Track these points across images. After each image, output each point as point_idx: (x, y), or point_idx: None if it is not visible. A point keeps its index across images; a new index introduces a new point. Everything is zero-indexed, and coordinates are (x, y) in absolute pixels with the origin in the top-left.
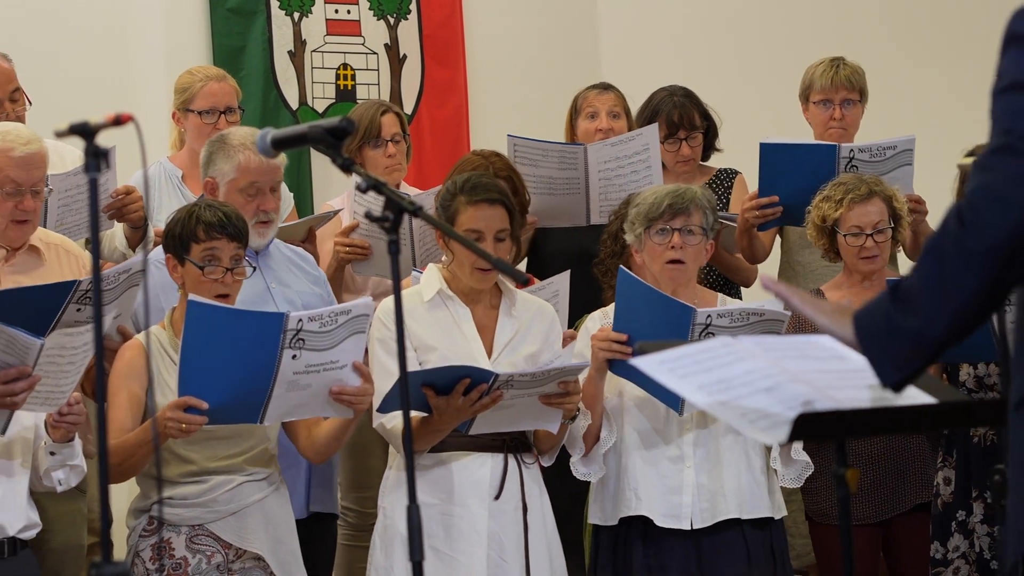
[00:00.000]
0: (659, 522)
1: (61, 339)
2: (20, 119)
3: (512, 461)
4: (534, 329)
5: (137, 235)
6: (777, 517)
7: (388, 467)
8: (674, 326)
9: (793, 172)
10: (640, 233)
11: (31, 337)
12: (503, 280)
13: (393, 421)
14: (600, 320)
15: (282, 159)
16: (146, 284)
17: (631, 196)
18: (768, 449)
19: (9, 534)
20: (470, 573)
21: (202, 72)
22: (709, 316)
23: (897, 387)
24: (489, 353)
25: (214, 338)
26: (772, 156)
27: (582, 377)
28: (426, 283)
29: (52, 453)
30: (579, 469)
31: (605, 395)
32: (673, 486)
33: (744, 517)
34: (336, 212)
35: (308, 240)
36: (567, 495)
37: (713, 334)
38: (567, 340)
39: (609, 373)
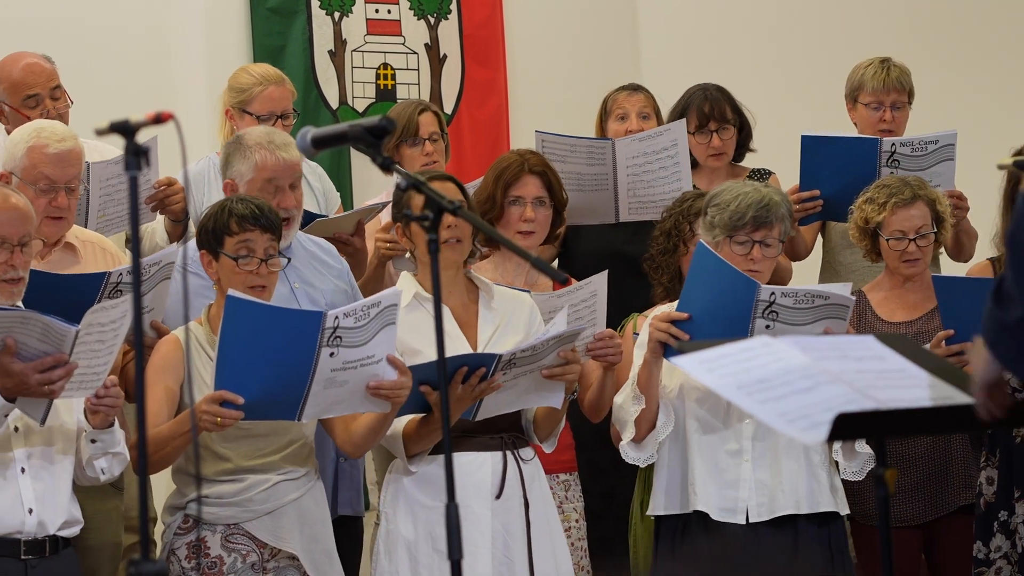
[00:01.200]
0: (715, 516)
1: (90, 317)
2: (62, 117)
3: (511, 459)
4: (515, 320)
5: (178, 229)
6: (842, 512)
7: (388, 472)
8: (738, 302)
9: (834, 166)
10: (719, 239)
11: (66, 324)
12: (477, 275)
13: (394, 426)
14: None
15: (297, 155)
16: (185, 279)
17: (686, 193)
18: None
19: (50, 532)
20: (475, 572)
21: (260, 73)
22: (773, 293)
23: None
24: (474, 348)
25: (251, 334)
26: (814, 149)
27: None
28: (401, 288)
29: (93, 441)
30: (629, 453)
31: (667, 385)
32: (730, 480)
33: (802, 512)
34: (384, 205)
35: (357, 233)
36: (599, 495)
37: (777, 312)
38: (605, 339)
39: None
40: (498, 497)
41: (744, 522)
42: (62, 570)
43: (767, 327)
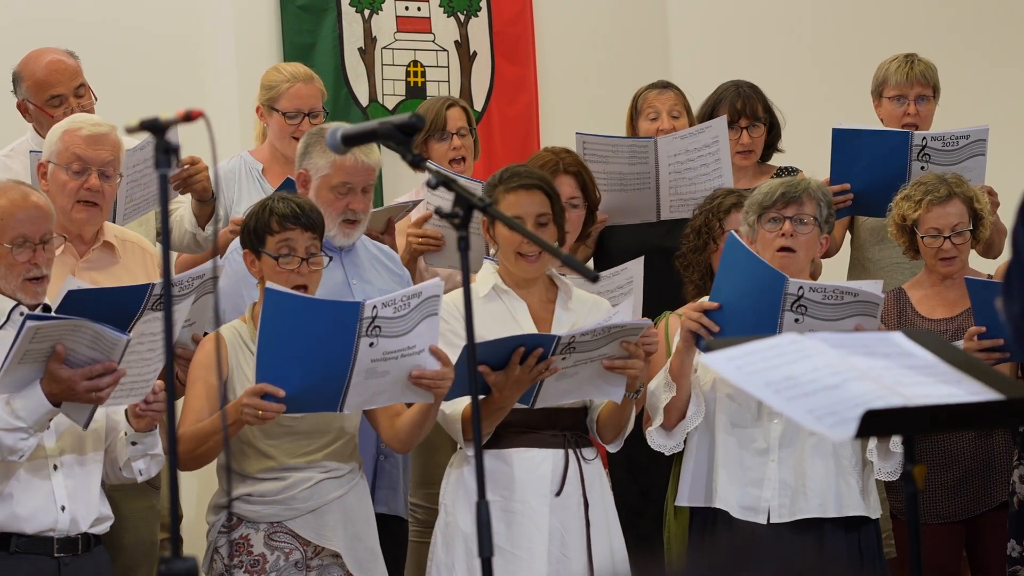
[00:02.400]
0: (735, 514)
1: (141, 326)
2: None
3: (573, 457)
4: (590, 322)
5: (206, 211)
6: (873, 517)
7: (449, 465)
8: (766, 295)
9: (865, 160)
10: (753, 222)
11: (117, 333)
12: (559, 276)
13: (451, 407)
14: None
15: (377, 159)
16: (215, 283)
17: (717, 191)
18: (863, 445)
19: (82, 529)
20: (532, 569)
21: (289, 72)
22: (801, 288)
23: None
24: None
25: (291, 326)
26: (844, 142)
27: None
28: (481, 279)
29: (133, 443)
30: (656, 439)
31: (701, 378)
32: (755, 479)
33: (826, 516)
34: (415, 203)
35: (387, 232)
36: (637, 491)
37: (805, 307)
38: (647, 336)
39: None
40: (557, 495)
41: (765, 521)
42: (94, 567)
43: (796, 321)
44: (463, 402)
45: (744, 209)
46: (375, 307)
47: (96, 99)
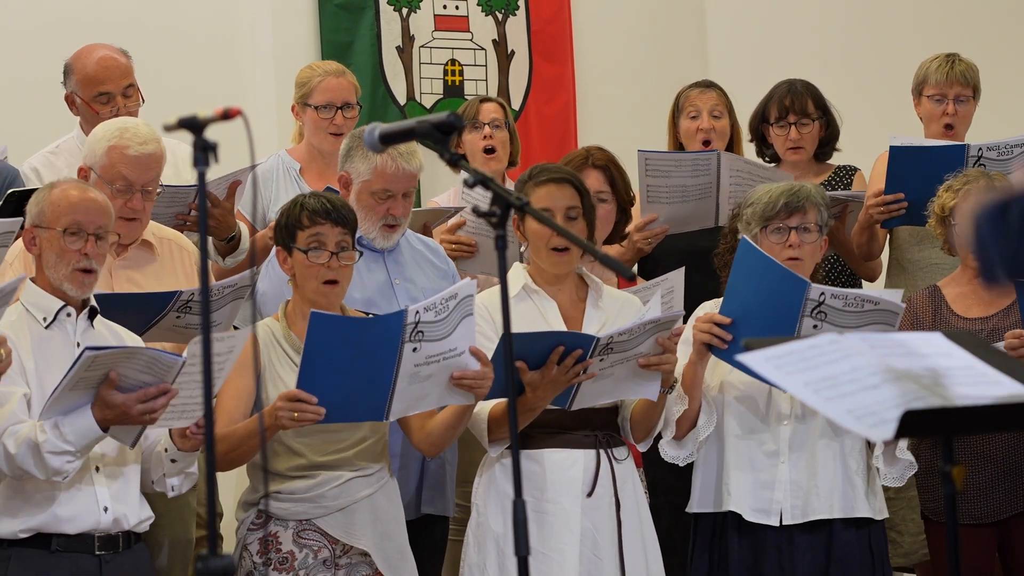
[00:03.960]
0: (748, 516)
1: (194, 347)
2: (132, 116)
3: (604, 457)
4: (621, 320)
5: (226, 248)
6: (878, 518)
7: (480, 465)
8: (786, 300)
9: (922, 172)
10: (756, 233)
11: (173, 356)
12: (588, 274)
13: (477, 406)
14: (711, 309)
15: (418, 165)
16: (254, 281)
17: (748, 194)
18: (869, 449)
19: (125, 528)
20: (563, 570)
21: (321, 67)
22: (823, 294)
23: None
24: None
25: (337, 347)
26: (902, 158)
27: (683, 362)
28: (511, 279)
29: (172, 460)
30: (668, 452)
31: (708, 382)
32: (766, 481)
33: (836, 517)
34: (456, 210)
35: (423, 235)
36: (685, 490)
37: (825, 313)
38: (679, 336)
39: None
40: (589, 495)
41: (778, 524)
42: (134, 564)
43: (814, 327)
44: (489, 403)
45: (745, 219)
46: (417, 312)
47: (143, 101)
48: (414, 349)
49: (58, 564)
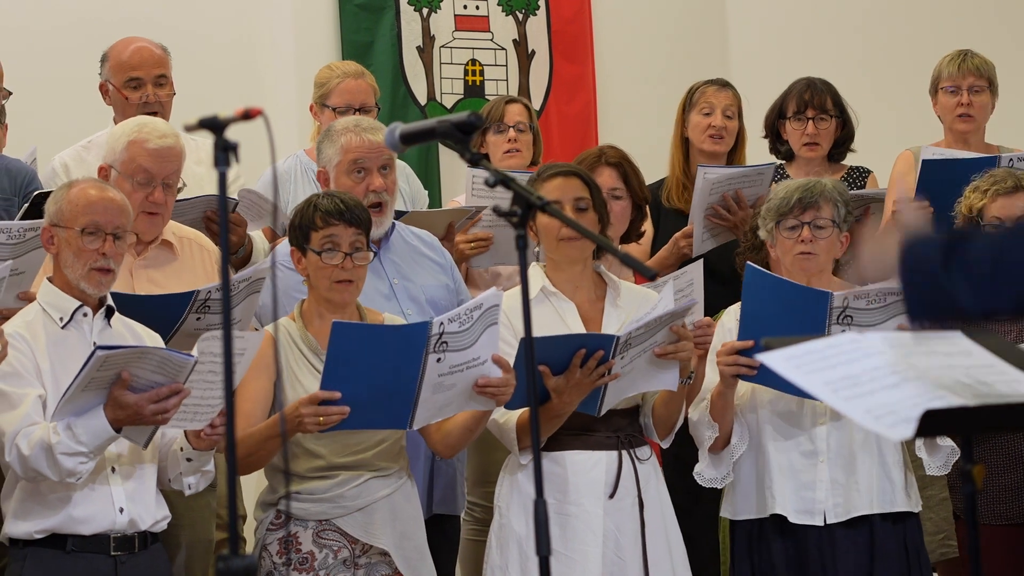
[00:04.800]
0: (793, 519)
1: (203, 344)
2: (163, 106)
3: (627, 458)
4: (640, 315)
5: (238, 261)
6: (915, 511)
7: (503, 467)
8: (810, 314)
9: (953, 182)
10: (771, 228)
11: (185, 356)
12: (606, 272)
13: (504, 415)
14: (735, 315)
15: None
16: (274, 280)
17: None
18: (905, 442)
19: (141, 528)
20: (586, 572)
21: (340, 68)
22: (846, 298)
23: None
24: None
25: (359, 355)
26: (934, 170)
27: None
28: (529, 281)
29: (188, 459)
30: (705, 475)
31: (738, 391)
32: (806, 482)
33: (876, 512)
34: (479, 210)
35: (447, 237)
36: (684, 491)
37: (851, 316)
38: (703, 328)
39: None
40: (611, 497)
41: (822, 523)
42: (151, 565)
43: (843, 332)
44: (517, 411)
45: (761, 215)
46: (442, 323)
47: (175, 93)
48: (438, 360)
49: (73, 565)
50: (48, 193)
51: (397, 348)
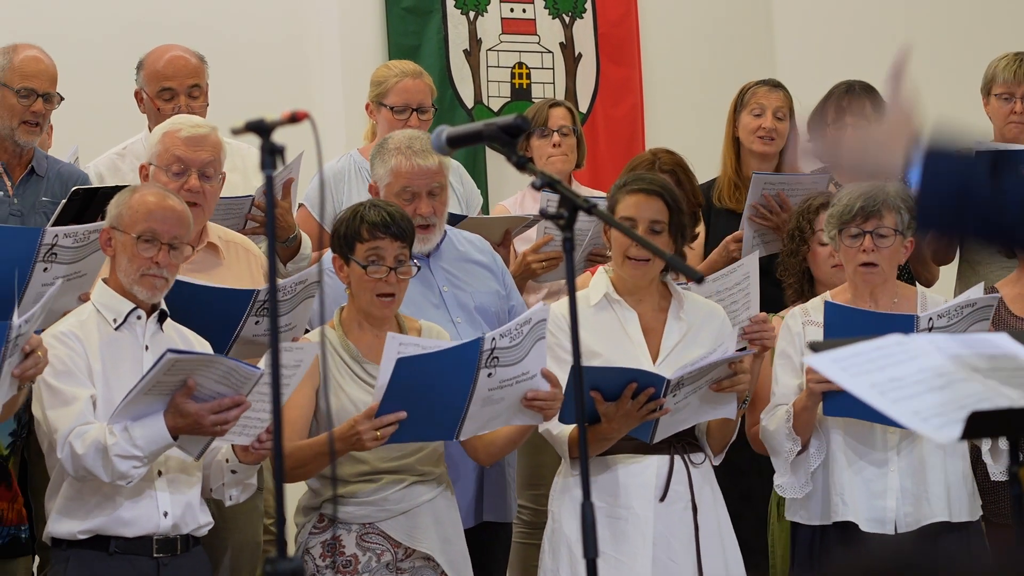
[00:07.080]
0: (864, 527)
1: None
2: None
3: (680, 461)
4: (704, 332)
5: (286, 251)
6: (975, 519)
7: (556, 473)
8: None
9: None
10: (834, 235)
11: (252, 368)
12: (673, 283)
13: (559, 428)
14: (800, 317)
15: (438, 162)
16: (322, 287)
17: (808, 195)
18: (972, 451)
19: (183, 532)
20: (635, 575)
21: (399, 67)
22: (931, 319)
23: None
24: (655, 357)
25: (417, 379)
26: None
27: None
28: (594, 286)
29: (233, 471)
30: (787, 489)
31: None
32: (877, 490)
33: (949, 520)
34: (534, 218)
35: (503, 243)
36: (737, 495)
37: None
38: (759, 322)
39: None
40: (662, 500)
41: (893, 531)
42: (193, 567)
43: None
44: (570, 425)
45: (825, 220)
46: (494, 339)
47: (208, 104)
48: (489, 375)
49: (116, 566)
50: (86, 190)
51: (451, 366)
